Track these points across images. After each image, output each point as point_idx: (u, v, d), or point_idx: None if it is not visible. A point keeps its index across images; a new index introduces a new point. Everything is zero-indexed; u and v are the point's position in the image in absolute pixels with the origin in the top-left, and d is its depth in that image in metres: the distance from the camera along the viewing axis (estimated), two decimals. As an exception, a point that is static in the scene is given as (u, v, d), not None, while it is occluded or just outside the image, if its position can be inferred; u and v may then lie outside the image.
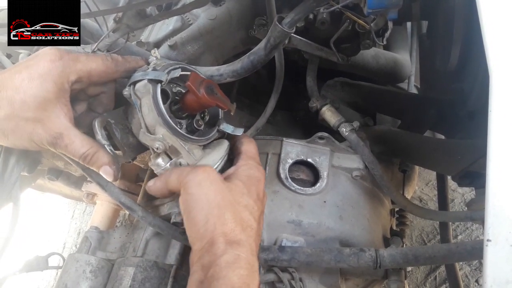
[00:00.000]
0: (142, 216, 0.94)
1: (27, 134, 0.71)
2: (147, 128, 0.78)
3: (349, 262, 0.89)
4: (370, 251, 0.89)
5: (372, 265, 0.88)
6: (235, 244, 0.66)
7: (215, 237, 0.65)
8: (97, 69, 0.76)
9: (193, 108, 0.84)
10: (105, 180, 1.00)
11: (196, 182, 0.71)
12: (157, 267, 0.97)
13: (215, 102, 0.80)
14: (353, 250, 0.90)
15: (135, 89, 0.78)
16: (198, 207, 0.69)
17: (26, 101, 0.68)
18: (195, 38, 1.16)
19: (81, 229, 3.02)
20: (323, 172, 1.06)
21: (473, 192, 2.48)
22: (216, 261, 0.63)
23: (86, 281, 1.01)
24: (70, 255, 1.05)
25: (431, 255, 0.84)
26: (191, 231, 0.70)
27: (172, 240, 1.02)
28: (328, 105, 1.17)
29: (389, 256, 0.88)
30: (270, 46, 0.97)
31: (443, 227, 1.52)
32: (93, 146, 0.77)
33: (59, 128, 0.72)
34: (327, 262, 0.90)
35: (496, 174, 0.54)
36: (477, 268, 2.27)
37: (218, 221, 0.67)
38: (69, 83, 0.73)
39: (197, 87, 0.77)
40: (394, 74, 1.46)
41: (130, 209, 0.96)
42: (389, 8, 0.78)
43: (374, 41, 1.02)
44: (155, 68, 0.79)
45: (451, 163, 1.13)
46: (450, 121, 1.19)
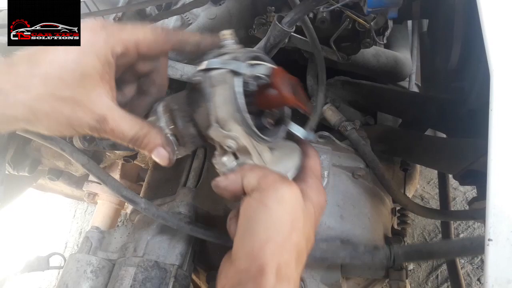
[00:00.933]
0: (145, 208, 0.95)
1: (65, 118, 0.60)
2: (218, 122, 0.67)
3: (364, 259, 0.89)
4: (384, 249, 0.89)
5: (386, 262, 0.88)
6: (285, 281, 0.56)
7: (267, 266, 0.55)
8: (146, 39, 0.65)
9: (270, 105, 0.73)
10: (105, 174, 1.00)
11: (279, 196, 0.60)
12: (158, 267, 0.97)
13: (298, 103, 0.69)
14: (368, 247, 0.91)
15: (210, 76, 0.66)
16: (265, 225, 0.58)
17: (63, 77, 0.58)
18: (195, 37, 1.16)
19: (82, 228, 3.03)
20: (324, 171, 1.06)
21: (474, 191, 2.47)
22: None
23: (87, 281, 1.02)
24: (71, 255, 1.06)
25: (445, 250, 0.84)
26: (243, 245, 0.60)
27: (173, 240, 1.02)
28: (328, 104, 1.17)
29: (404, 253, 0.88)
30: (270, 45, 0.97)
31: (444, 226, 1.52)
32: (144, 127, 0.66)
33: (102, 110, 0.61)
34: (342, 258, 0.90)
35: (497, 173, 0.53)
36: (479, 266, 2.26)
37: (278, 248, 0.57)
38: (114, 55, 0.62)
39: (282, 84, 0.66)
40: (395, 73, 1.45)
41: (132, 202, 0.97)
42: (389, 7, 0.77)
43: (374, 40, 1.02)
44: (235, 57, 0.67)
45: (452, 162, 1.12)
46: (451, 119, 1.19)
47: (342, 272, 1.00)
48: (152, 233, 1.04)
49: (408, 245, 0.90)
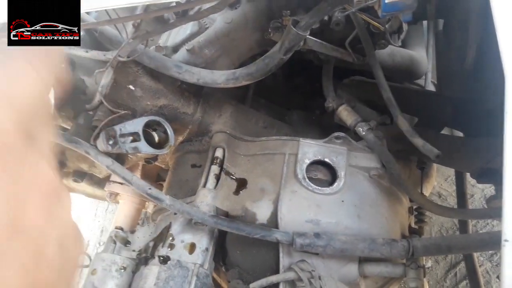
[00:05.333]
0: (170, 204, 1.00)
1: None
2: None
3: (382, 251, 0.91)
4: (402, 241, 0.91)
5: (404, 255, 0.89)
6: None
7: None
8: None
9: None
10: (130, 174, 1.05)
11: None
12: (180, 265, 1.00)
13: None
14: (386, 239, 0.92)
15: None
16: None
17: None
18: (212, 41, 1.19)
19: (104, 226, 3.10)
20: (341, 171, 1.08)
21: (493, 187, 2.45)
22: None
23: (112, 279, 1.06)
24: (97, 255, 1.10)
25: (464, 245, 0.84)
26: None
27: (194, 239, 1.05)
28: (344, 105, 1.18)
29: (422, 246, 0.89)
30: (285, 49, 0.99)
31: (462, 223, 1.52)
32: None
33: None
34: (361, 250, 0.92)
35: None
36: (498, 264, 2.24)
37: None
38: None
39: None
40: (410, 72, 1.46)
41: (157, 199, 1.01)
42: (403, 10, 0.78)
43: (389, 41, 1.03)
44: None
45: (469, 161, 1.13)
46: (468, 118, 1.19)
47: (359, 271, 1.01)
48: (174, 233, 1.07)
49: (426, 238, 0.91)
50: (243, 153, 1.21)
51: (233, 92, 1.39)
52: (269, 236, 0.97)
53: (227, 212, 1.10)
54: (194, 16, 1.07)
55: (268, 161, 1.16)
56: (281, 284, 0.98)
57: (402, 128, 1.00)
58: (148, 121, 1.12)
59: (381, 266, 1.03)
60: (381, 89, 1.06)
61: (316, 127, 1.45)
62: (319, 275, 0.96)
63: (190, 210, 0.99)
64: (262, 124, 1.36)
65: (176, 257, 1.02)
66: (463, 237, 0.87)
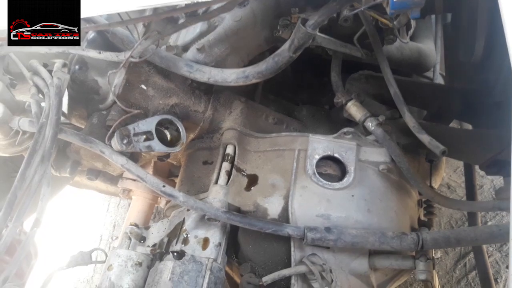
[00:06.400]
0: (183, 201, 1.02)
1: None
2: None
3: (392, 244, 0.93)
4: (412, 234, 0.93)
5: (414, 247, 0.91)
6: None
7: None
8: None
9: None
10: (144, 172, 1.08)
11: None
12: (194, 260, 1.02)
13: None
14: (396, 233, 0.94)
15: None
16: None
17: None
18: (221, 40, 1.20)
19: (116, 221, 3.14)
20: (350, 166, 1.09)
21: (502, 179, 2.43)
22: None
23: (128, 275, 1.08)
24: (112, 251, 1.13)
25: (473, 237, 0.86)
26: None
27: (208, 234, 1.08)
28: (353, 100, 1.18)
29: (432, 239, 0.91)
30: (294, 47, 1.00)
31: (471, 215, 1.53)
32: None
33: None
34: (371, 243, 0.94)
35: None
36: (507, 254, 2.24)
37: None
38: None
39: None
40: (419, 64, 1.46)
41: (171, 196, 1.04)
42: (411, 7, 0.79)
43: (397, 37, 1.03)
44: None
45: (477, 153, 1.13)
46: (477, 111, 1.20)
47: (370, 264, 1.03)
48: (188, 228, 1.09)
49: (436, 231, 0.92)
50: (253, 150, 1.23)
51: (242, 89, 1.40)
52: (281, 230, 0.99)
53: (239, 208, 1.12)
54: (204, 16, 1.09)
55: (278, 157, 1.18)
56: (292, 277, 1.00)
57: (409, 124, 1.01)
58: (160, 120, 1.14)
59: (391, 258, 1.05)
60: (388, 85, 1.07)
61: (325, 121, 1.47)
62: (330, 268, 0.98)
63: (203, 206, 1.02)
64: (272, 120, 1.37)
65: (190, 252, 1.04)
66: (472, 229, 0.88)
